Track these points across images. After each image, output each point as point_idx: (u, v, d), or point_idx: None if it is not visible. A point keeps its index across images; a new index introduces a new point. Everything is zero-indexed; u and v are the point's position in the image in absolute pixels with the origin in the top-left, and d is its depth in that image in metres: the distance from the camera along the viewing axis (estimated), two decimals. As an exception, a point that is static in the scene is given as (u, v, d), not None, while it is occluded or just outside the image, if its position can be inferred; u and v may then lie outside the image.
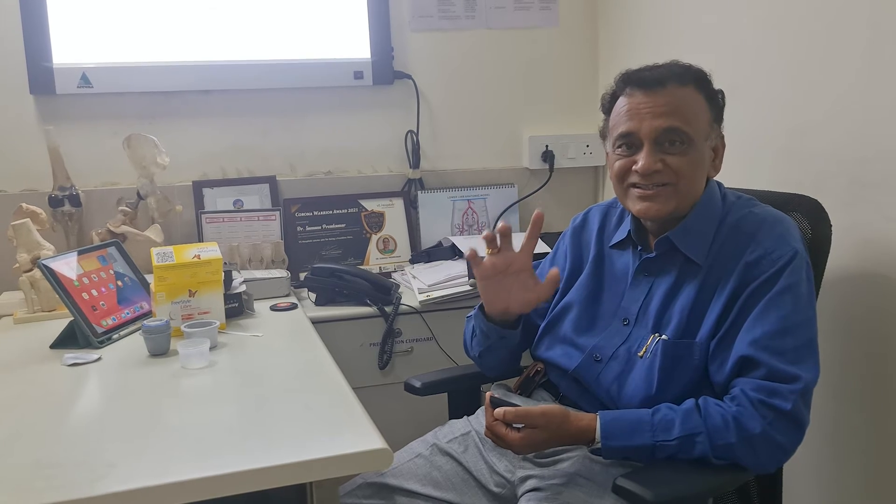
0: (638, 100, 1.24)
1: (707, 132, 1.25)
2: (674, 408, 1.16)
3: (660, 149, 1.23)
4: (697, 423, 1.13)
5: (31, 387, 1.32)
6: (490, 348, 1.41)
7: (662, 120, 1.21)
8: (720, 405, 1.14)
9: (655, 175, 1.22)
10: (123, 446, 1.04)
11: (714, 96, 1.27)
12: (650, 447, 1.13)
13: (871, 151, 1.49)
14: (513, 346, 1.42)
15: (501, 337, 1.38)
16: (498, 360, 1.45)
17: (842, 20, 1.53)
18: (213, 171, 2.24)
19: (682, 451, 1.12)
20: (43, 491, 0.91)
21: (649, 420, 1.15)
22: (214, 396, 1.26)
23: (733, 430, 1.11)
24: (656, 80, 1.23)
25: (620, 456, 1.17)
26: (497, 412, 1.19)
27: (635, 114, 1.23)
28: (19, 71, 2.04)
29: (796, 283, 1.18)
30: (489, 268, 1.32)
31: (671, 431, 1.13)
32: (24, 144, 2.07)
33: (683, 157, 1.22)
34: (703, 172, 1.26)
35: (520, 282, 1.32)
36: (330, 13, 2.28)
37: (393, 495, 1.37)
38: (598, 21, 2.48)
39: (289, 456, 0.97)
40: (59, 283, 1.54)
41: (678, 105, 1.22)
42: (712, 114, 1.26)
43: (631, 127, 1.24)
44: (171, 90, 2.16)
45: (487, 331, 1.38)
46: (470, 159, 2.44)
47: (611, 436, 1.15)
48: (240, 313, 1.71)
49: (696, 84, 1.25)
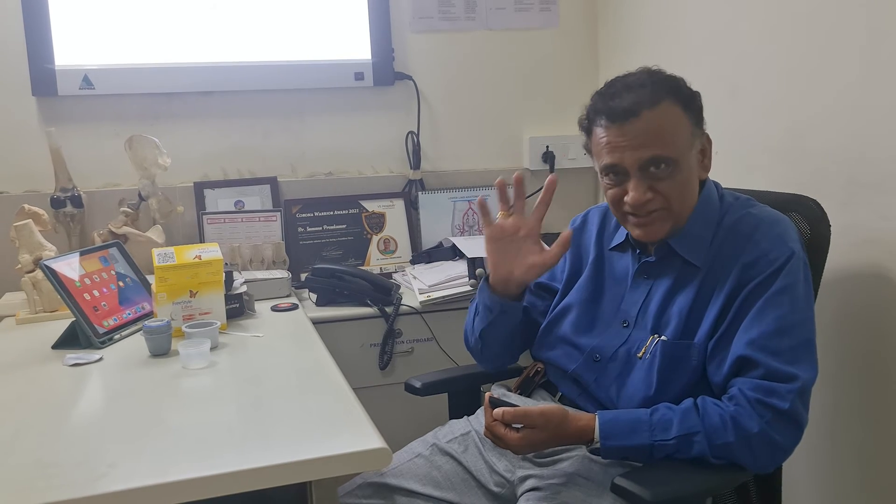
0: (614, 133, 1.22)
1: (690, 142, 1.24)
2: (672, 407, 1.17)
3: (647, 175, 1.22)
4: (695, 422, 1.13)
5: (32, 387, 1.32)
6: (492, 324, 1.38)
7: (643, 151, 1.20)
8: (718, 405, 1.15)
9: (647, 204, 1.23)
10: (123, 446, 1.05)
11: (690, 102, 1.25)
12: (648, 447, 1.14)
13: (868, 152, 1.49)
14: (513, 326, 1.39)
15: (503, 311, 1.36)
16: (498, 340, 1.41)
17: (839, 22, 1.54)
18: (215, 172, 2.25)
19: (680, 451, 1.13)
20: (44, 490, 0.91)
21: (647, 420, 1.16)
22: (214, 396, 1.26)
23: (731, 429, 1.11)
24: (628, 111, 1.20)
25: (619, 456, 1.18)
26: (496, 412, 1.19)
27: (615, 147, 1.22)
28: (21, 73, 2.05)
29: (793, 284, 1.18)
30: (499, 229, 1.33)
31: (669, 431, 1.13)
32: (27, 146, 2.08)
33: (672, 180, 1.22)
34: (694, 182, 1.26)
35: (526, 247, 1.32)
36: (331, 15, 2.29)
37: (393, 495, 1.37)
38: (598, 22, 2.48)
39: (287, 455, 0.98)
40: (61, 283, 1.54)
41: (655, 131, 1.20)
42: (692, 120, 1.24)
43: (613, 160, 1.23)
44: (173, 91, 2.17)
45: (491, 304, 1.36)
46: (470, 160, 2.45)
47: (609, 435, 1.16)
48: (241, 314, 1.72)
49: (669, 98, 1.22)
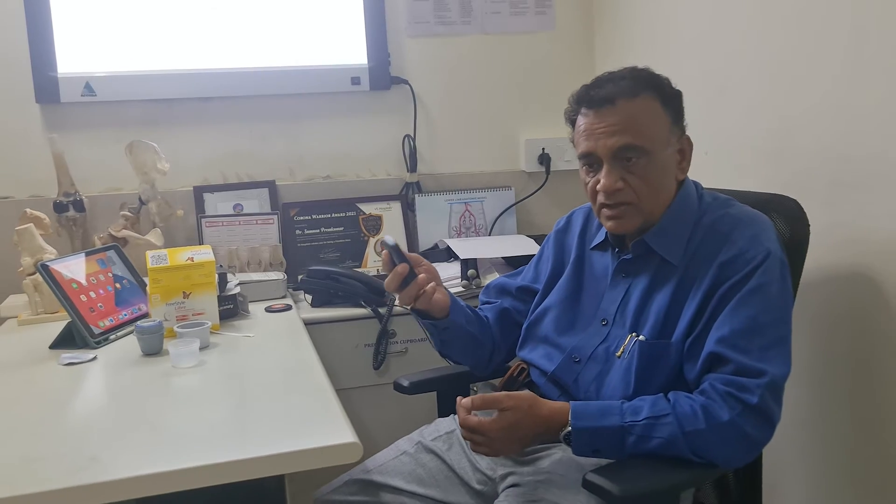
0: (591, 120, 1.26)
1: (666, 138, 1.26)
2: (644, 398, 1.19)
3: (620, 165, 1.24)
4: (665, 406, 1.15)
5: (27, 385, 1.37)
6: (443, 342, 1.43)
7: (616, 138, 1.23)
8: (689, 397, 1.16)
9: (617, 194, 1.25)
10: (106, 441, 1.08)
11: (671, 99, 1.28)
12: (618, 428, 1.15)
13: (851, 151, 1.50)
14: (465, 334, 1.43)
15: (445, 328, 1.40)
16: (461, 351, 1.46)
17: (824, 23, 1.55)
18: (214, 176, 2.29)
19: (651, 431, 1.13)
20: (25, 483, 0.96)
21: (619, 406, 1.18)
22: (200, 394, 1.30)
23: (702, 417, 1.12)
24: (605, 99, 1.24)
25: (590, 442, 1.17)
26: (464, 402, 1.21)
27: (590, 134, 1.26)
28: (25, 81, 2.10)
29: (767, 283, 1.19)
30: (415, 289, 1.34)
31: (640, 414, 1.15)
32: (31, 152, 2.13)
33: (644, 173, 1.24)
34: (668, 180, 1.28)
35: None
36: (327, 20, 2.32)
37: (378, 492, 1.40)
38: (594, 24, 2.50)
39: (262, 450, 1.01)
40: (58, 285, 1.59)
41: (630, 120, 1.23)
42: (671, 117, 1.27)
43: (589, 147, 1.26)
44: (173, 97, 2.22)
45: (429, 328, 1.41)
46: (467, 163, 2.47)
47: (581, 416, 1.17)
48: (234, 315, 1.75)
49: (649, 92, 1.25)
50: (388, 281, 1.33)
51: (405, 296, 1.33)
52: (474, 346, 1.46)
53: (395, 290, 1.33)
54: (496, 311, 1.52)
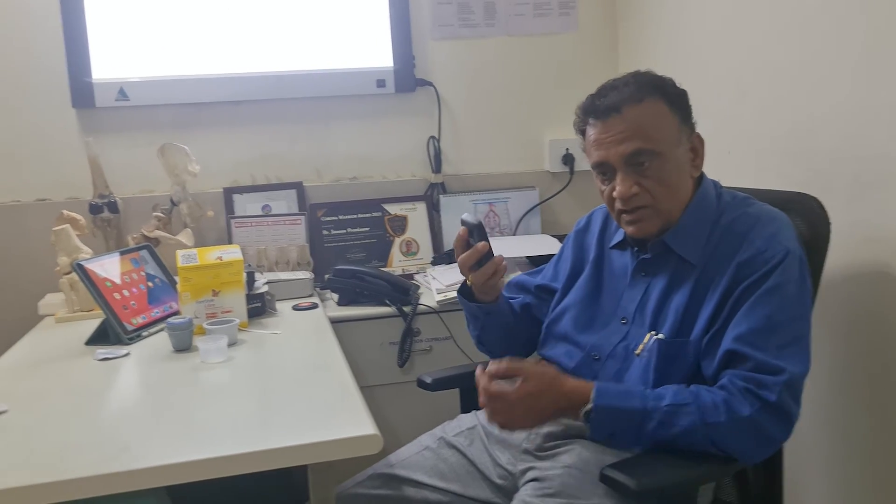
0: (599, 130, 1.27)
1: (677, 138, 1.27)
2: (667, 387, 1.20)
3: (633, 171, 1.26)
4: (688, 396, 1.16)
5: (64, 379, 1.42)
6: (484, 328, 1.48)
7: (626, 145, 1.24)
8: (710, 390, 1.17)
9: (634, 199, 1.26)
10: (138, 431, 1.13)
11: (677, 100, 1.28)
12: (641, 411, 1.15)
13: (873, 150, 1.49)
14: (506, 323, 1.48)
15: (488, 314, 1.45)
16: (497, 339, 1.51)
17: (845, 23, 1.54)
18: (244, 177, 2.34)
19: (672, 418, 1.14)
20: (63, 470, 1.00)
21: (642, 391, 1.19)
22: (227, 388, 1.34)
23: (723, 410, 1.13)
24: (611, 108, 1.26)
25: (610, 423, 1.17)
26: (489, 369, 1.21)
27: (601, 144, 1.27)
28: (62, 86, 2.18)
29: (785, 283, 1.19)
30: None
31: (662, 400, 1.16)
32: (67, 155, 2.19)
33: (658, 175, 1.25)
34: (683, 179, 1.29)
35: None
36: (353, 24, 2.36)
37: (401, 486, 1.42)
38: (617, 25, 2.51)
39: (284, 441, 1.04)
40: (93, 283, 1.64)
41: (637, 126, 1.24)
42: (679, 117, 1.28)
43: (600, 157, 1.28)
44: (203, 101, 2.27)
45: (475, 311, 1.46)
46: (491, 163, 2.49)
47: (604, 394, 1.17)
48: (262, 313, 1.79)
49: (654, 95, 1.26)
50: (465, 257, 1.36)
51: (481, 273, 1.36)
52: (512, 336, 1.50)
53: (469, 268, 1.37)
54: (520, 305, 1.55)
